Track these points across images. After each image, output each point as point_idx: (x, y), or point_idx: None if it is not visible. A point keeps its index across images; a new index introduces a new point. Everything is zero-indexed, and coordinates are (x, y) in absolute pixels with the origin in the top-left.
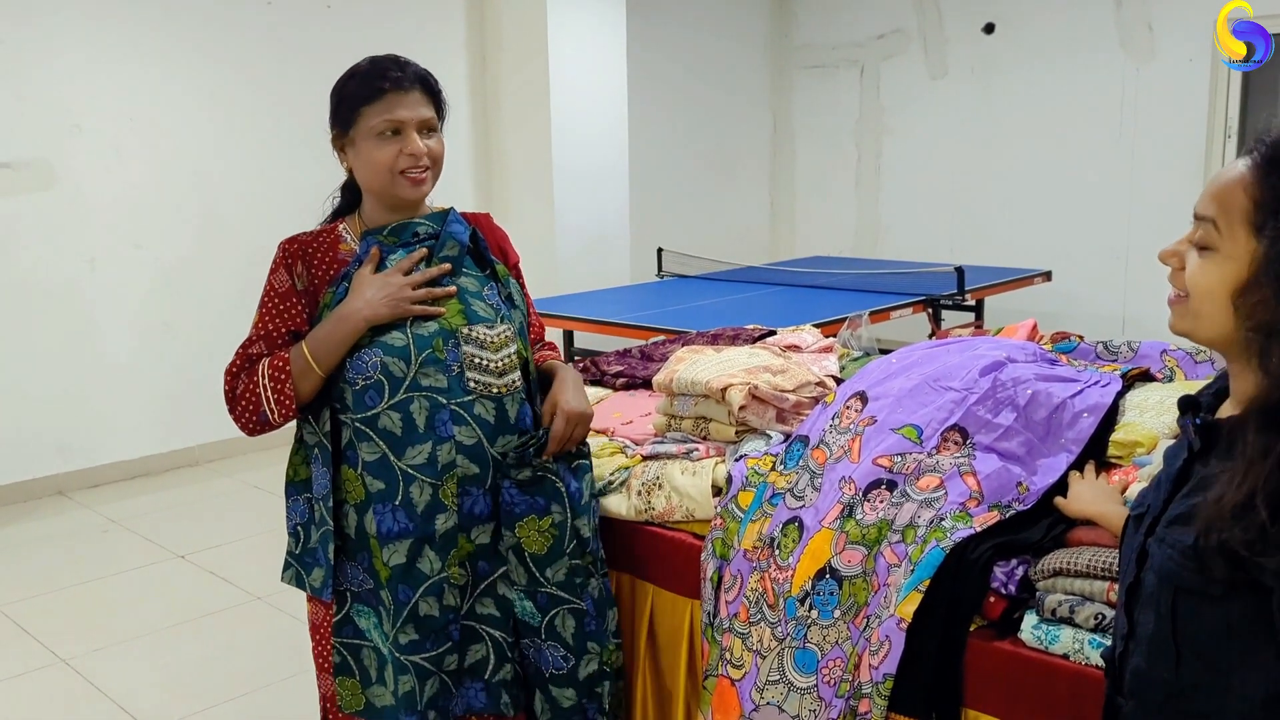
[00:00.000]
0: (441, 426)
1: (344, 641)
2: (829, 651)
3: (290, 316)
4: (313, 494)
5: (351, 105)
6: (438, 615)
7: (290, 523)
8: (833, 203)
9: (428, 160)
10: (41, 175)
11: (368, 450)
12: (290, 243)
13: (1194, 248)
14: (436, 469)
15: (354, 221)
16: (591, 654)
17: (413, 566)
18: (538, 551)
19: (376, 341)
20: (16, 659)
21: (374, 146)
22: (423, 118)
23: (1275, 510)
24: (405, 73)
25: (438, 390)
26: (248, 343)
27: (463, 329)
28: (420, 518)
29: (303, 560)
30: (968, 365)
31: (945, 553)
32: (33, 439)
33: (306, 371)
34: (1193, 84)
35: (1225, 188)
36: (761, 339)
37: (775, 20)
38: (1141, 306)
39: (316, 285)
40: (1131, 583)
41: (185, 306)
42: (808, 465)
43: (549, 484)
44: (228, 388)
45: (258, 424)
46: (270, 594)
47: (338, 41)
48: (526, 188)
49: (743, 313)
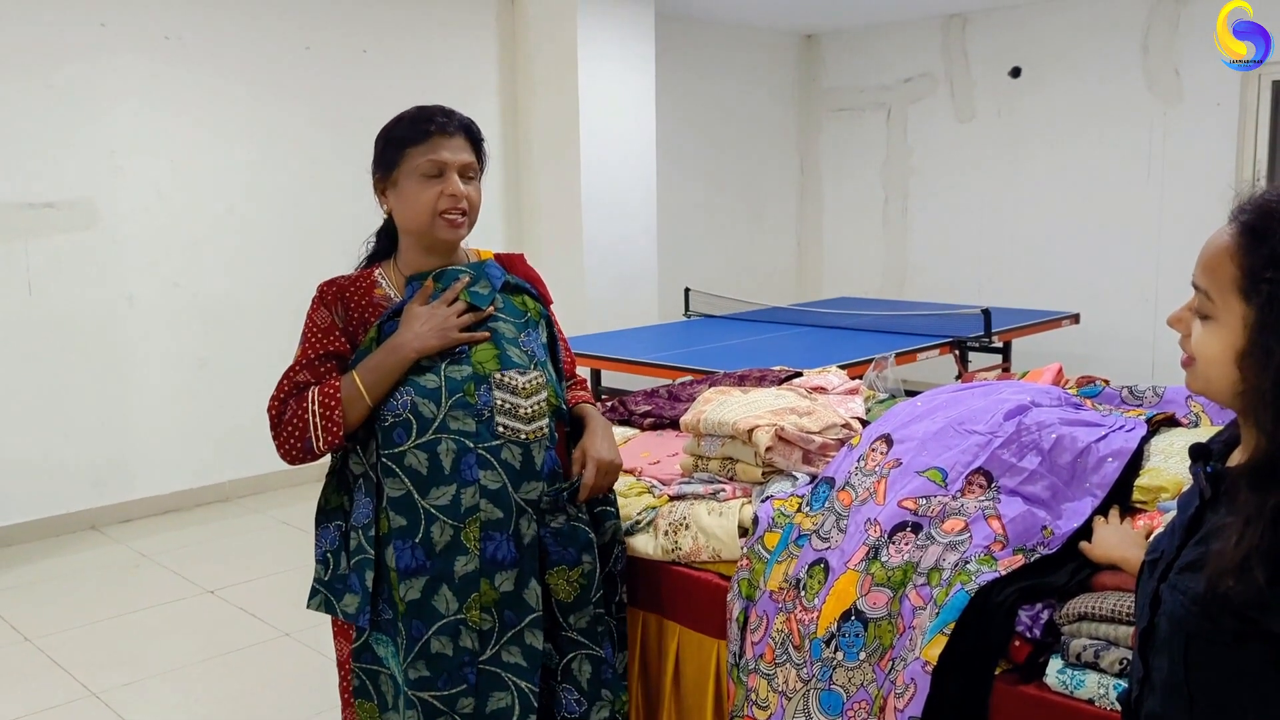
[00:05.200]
0: (467, 470)
1: (363, 667)
2: (854, 694)
3: (333, 342)
4: (349, 522)
5: (398, 146)
6: (450, 655)
7: (319, 550)
8: (860, 244)
9: (466, 204)
10: (84, 214)
11: (393, 486)
12: (329, 285)
13: (1195, 315)
14: (459, 511)
15: (389, 267)
16: (605, 701)
17: (427, 603)
18: (564, 599)
19: (410, 380)
20: (49, 692)
21: (416, 186)
22: (464, 161)
23: (1272, 570)
24: (451, 119)
25: (466, 434)
26: (292, 370)
27: (495, 374)
28: (439, 557)
29: (332, 586)
30: (992, 409)
31: (970, 596)
32: (68, 473)
33: (356, 400)
34: (1221, 128)
35: (1214, 257)
36: (788, 380)
37: (803, 63)
38: (1171, 350)
39: (354, 328)
40: (1146, 627)
41: (220, 343)
42: (833, 507)
43: (581, 533)
44: (274, 413)
45: (302, 451)
46: (299, 630)
47: (373, 86)
48: (556, 228)
49: (769, 353)
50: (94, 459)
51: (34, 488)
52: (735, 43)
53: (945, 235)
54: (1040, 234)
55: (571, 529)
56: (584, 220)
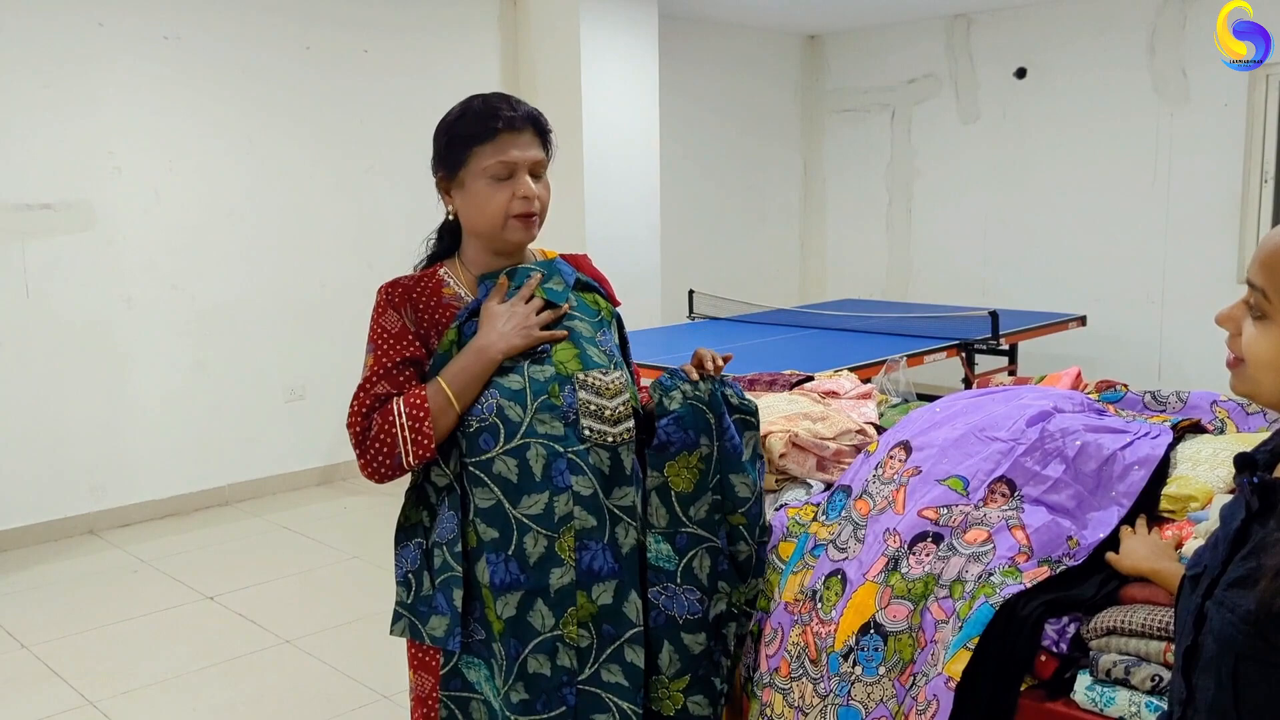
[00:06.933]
0: (559, 476)
1: (451, 695)
2: (873, 709)
3: (407, 347)
4: (432, 539)
5: (463, 145)
6: (549, 675)
7: (400, 570)
8: (863, 246)
9: (538, 204)
10: (81, 216)
11: (481, 496)
12: (393, 286)
13: (1249, 314)
14: (553, 521)
15: (455, 265)
16: (721, 593)
17: (523, 620)
18: (684, 489)
19: (494, 383)
20: (46, 701)
21: (486, 189)
22: (535, 159)
23: None
24: (518, 112)
25: (554, 438)
26: (368, 383)
27: (578, 374)
28: (534, 569)
29: (416, 610)
30: (1014, 415)
31: (995, 609)
32: (65, 477)
33: (445, 408)
34: (1228, 129)
35: (1274, 254)
36: (799, 384)
37: (806, 64)
38: (1177, 352)
39: (425, 330)
40: (1189, 646)
41: (219, 347)
42: (851, 516)
43: (702, 416)
44: (359, 429)
45: (391, 467)
46: (299, 637)
47: (374, 86)
48: (558, 229)
49: (775, 356)
50: (91, 463)
51: (31, 492)
52: (738, 43)
53: (949, 237)
54: (1045, 236)
55: (694, 411)
56: (586, 221)
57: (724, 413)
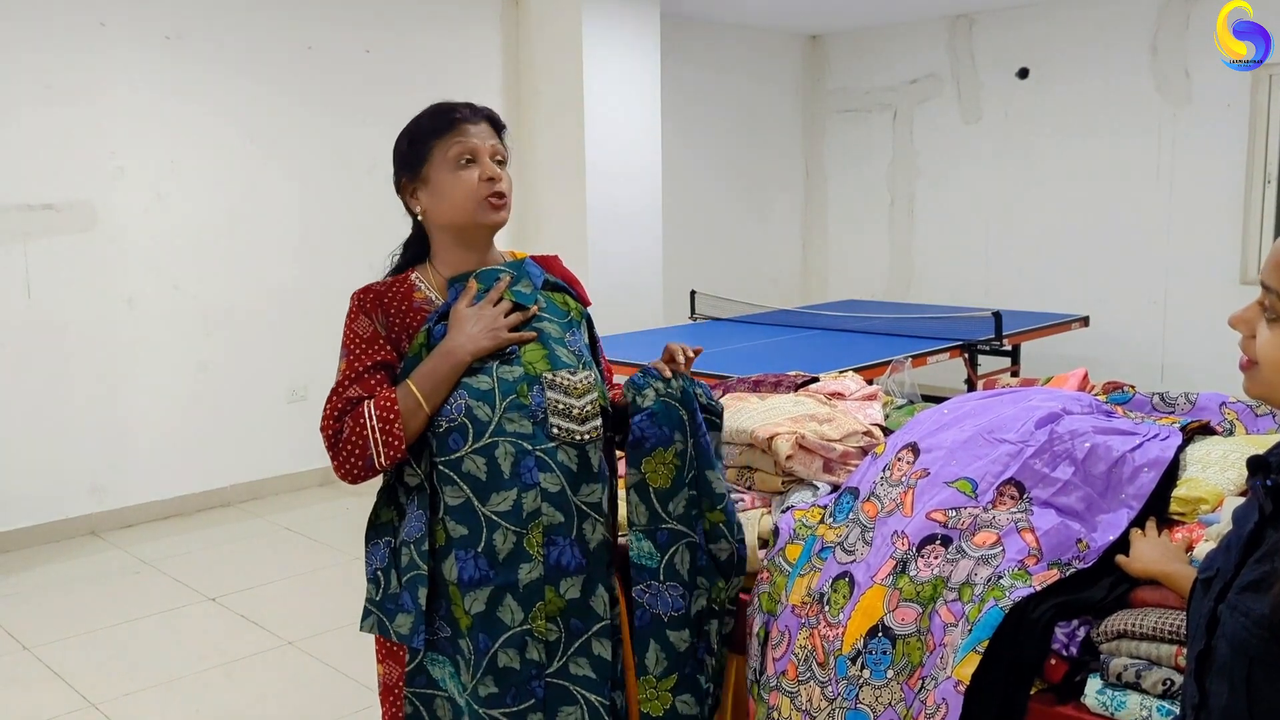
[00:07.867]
0: (527, 473)
1: (416, 692)
2: (882, 713)
3: (379, 351)
4: (399, 538)
5: (423, 141)
6: (518, 668)
7: (370, 568)
8: (865, 246)
9: (505, 185)
10: (83, 216)
11: (451, 494)
12: (365, 292)
13: (1263, 316)
14: (521, 517)
15: (425, 270)
16: (701, 589)
17: (492, 615)
18: (662, 485)
19: (463, 384)
20: (48, 703)
21: (451, 176)
22: (494, 146)
23: None
24: (473, 108)
25: (522, 436)
26: (340, 387)
27: (546, 374)
28: (502, 565)
29: (384, 607)
30: (1022, 417)
31: (1004, 612)
32: (67, 478)
33: (415, 410)
34: (1231, 129)
35: None
36: (804, 386)
37: (808, 64)
38: (1179, 353)
39: (396, 334)
40: (1202, 650)
41: (221, 347)
42: (858, 518)
43: (675, 412)
44: (330, 432)
45: (364, 468)
46: (302, 639)
47: (376, 87)
48: (561, 231)
49: (778, 356)
50: (93, 463)
51: (32, 492)
52: (740, 43)
53: (951, 237)
54: (1048, 236)
55: (667, 409)
56: (588, 222)
57: (696, 409)
